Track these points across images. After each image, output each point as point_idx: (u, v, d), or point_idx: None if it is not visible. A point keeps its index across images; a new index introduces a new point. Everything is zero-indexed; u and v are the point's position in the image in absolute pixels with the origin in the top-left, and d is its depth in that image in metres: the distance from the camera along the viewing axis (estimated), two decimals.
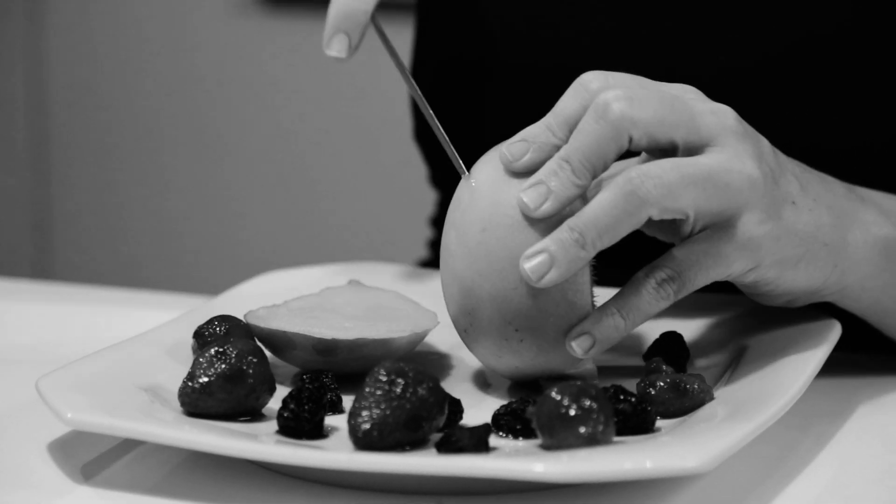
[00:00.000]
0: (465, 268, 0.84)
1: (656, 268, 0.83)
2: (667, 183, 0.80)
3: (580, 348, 0.83)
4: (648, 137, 0.82)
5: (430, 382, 0.78)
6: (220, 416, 0.82)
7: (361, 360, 0.88)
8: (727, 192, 0.82)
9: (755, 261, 0.84)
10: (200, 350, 0.86)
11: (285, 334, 0.88)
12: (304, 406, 0.80)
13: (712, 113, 0.83)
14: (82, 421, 0.78)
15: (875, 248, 0.88)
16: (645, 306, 0.83)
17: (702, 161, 0.82)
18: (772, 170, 0.84)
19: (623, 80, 0.83)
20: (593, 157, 0.82)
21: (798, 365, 0.85)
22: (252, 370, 0.82)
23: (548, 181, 0.82)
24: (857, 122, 1.05)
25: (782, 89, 1.05)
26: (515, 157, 0.84)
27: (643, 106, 0.81)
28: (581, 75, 0.84)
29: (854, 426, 0.87)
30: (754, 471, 0.80)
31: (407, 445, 0.77)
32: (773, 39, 1.04)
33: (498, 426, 0.81)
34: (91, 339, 0.99)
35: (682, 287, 0.83)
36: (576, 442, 0.76)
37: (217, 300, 1.01)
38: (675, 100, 0.83)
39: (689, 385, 0.83)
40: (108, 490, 0.78)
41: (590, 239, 0.81)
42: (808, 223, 0.85)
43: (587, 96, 0.83)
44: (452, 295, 0.86)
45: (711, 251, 0.83)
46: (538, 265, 0.81)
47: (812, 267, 0.86)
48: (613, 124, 0.81)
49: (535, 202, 0.82)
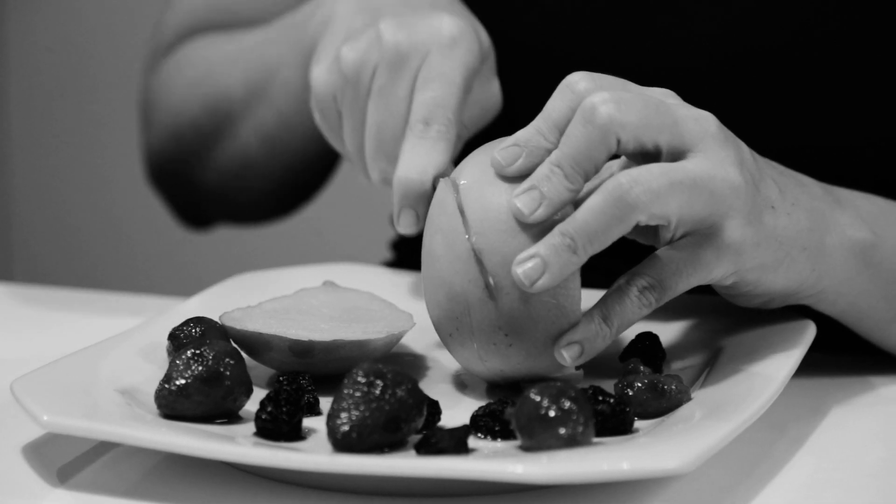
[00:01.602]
0: (454, 273, 0.84)
1: (638, 275, 0.84)
2: (655, 189, 0.81)
3: (569, 357, 0.83)
4: (635, 141, 0.82)
5: (408, 384, 0.78)
6: (197, 419, 0.82)
7: (338, 361, 0.88)
8: (711, 198, 0.82)
9: (736, 266, 0.84)
10: (176, 352, 0.85)
11: (261, 336, 0.88)
12: (281, 408, 0.80)
13: (695, 119, 0.83)
14: (58, 424, 0.77)
15: (852, 252, 0.89)
16: (628, 314, 0.83)
17: (688, 167, 0.82)
18: (752, 175, 0.84)
19: (609, 82, 0.84)
20: (584, 161, 0.82)
21: (774, 365, 0.85)
22: (229, 372, 0.82)
23: (541, 186, 0.82)
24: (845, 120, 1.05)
25: (771, 84, 1.05)
26: (508, 162, 0.84)
27: (629, 109, 0.82)
28: (567, 76, 0.84)
29: (830, 426, 0.87)
30: (732, 471, 0.80)
31: (386, 447, 0.77)
32: (762, 31, 1.04)
33: (477, 427, 0.81)
34: (64, 342, 0.98)
35: (664, 294, 0.83)
36: (555, 443, 0.75)
37: (190, 302, 1.00)
38: (659, 104, 0.83)
39: (667, 386, 0.84)
40: (85, 493, 0.78)
41: (581, 244, 0.81)
42: (788, 227, 0.85)
43: (574, 98, 0.83)
44: (438, 300, 0.85)
45: (692, 258, 0.83)
46: (531, 270, 0.81)
47: (791, 271, 0.86)
48: (601, 128, 0.81)
49: (529, 207, 0.82)
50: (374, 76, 0.96)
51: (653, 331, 0.93)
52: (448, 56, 0.95)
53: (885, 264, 0.90)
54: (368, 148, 0.97)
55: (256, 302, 0.96)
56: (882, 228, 0.90)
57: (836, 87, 1.05)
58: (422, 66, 0.95)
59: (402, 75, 0.95)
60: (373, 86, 0.96)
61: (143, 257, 2.64)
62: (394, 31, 0.95)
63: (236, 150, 1.20)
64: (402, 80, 0.95)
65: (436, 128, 0.93)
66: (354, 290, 0.98)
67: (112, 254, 2.66)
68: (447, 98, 0.94)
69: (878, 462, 0.84)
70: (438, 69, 0.94)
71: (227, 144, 1.20)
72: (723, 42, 1.05)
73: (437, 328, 0.87)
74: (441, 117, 0.94)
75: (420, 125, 0.94)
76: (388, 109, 0.96)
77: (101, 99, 2.61)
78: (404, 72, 0.95)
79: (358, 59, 0.96)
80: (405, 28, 0.95)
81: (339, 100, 0.98)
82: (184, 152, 1.25)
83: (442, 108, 0.94)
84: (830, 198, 0.90)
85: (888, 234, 0.90)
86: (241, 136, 1.19)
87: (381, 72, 0.95)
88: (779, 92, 1.05)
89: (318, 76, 0.99)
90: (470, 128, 1.00)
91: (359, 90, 0.97)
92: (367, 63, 0.96)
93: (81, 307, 1.17)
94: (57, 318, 1.13)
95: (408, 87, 0.95)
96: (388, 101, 0.96)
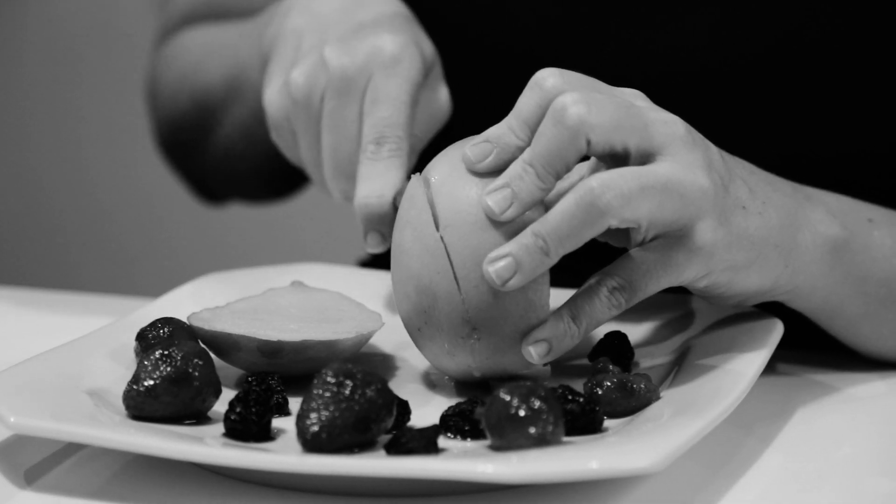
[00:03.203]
0: (423, 266, 0.84)
1: (608, 275, 0.84)
2: (626, 193, 0.81)
3: (537, 354, 0.84)
4: (605, 142, 0.82)
5: (378, 384, 0.78)
6: (166, 419, 0.81)
7: (307, 361, 0.88)
8: (681, 202, 0.83)
9: (707, 268, 0.85)
10: (144, 353, 0.85)
11: (230, 336, 0.87)
12: (250, 408, 0.80)
13: (664, 122, 0.84)
14: (25, 425, 0.77)
15: (824, 248, 0.89)
16: (597, 314, 0.84)
17: (658, 171, 0.82)
18: (721, 177, 0.85)
19: (578, 80, 0.84)
20: (555, 161, 0.82)
21: (742, 364, 0.85)
22: (198, 373, 0.81)
23: (512, 185, 0.83)
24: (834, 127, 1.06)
25: (757, 92, 1.06)
26: (478, 159, 0.85)
27: (600, 111, 0.82)
28: (536, 73, 0.85)
29: (798, 423, 0.88)
30: (701, 469, 0.81)
31: (356, 447, 0.77)
32: (749, 39, 1.05)
33: (446, 427, 0.81)
34: (29, 343, 0.98)
35: (634, 295, 0.84)
36: (525, 442, 0.76)
37: (157, 302, 1.00)
38: (630, 107, 0.83)
39: (636, 385, 0.84)
40: (52, 494, 0.77)
41: (552, 246, 0.81)
42: (759, 227, 0.86)
43: (543, 95, 0.84)
44: (407, 294, 0.86)
45: (663, 260, 0.84)
46: (502, 269, 0.82)
47: (763, 269, 0.87)
48: (571, 129, 0.82)
49: (500, 206, 0.83)
50: (324, 100, 0.99)
51: (621, 330, 0.93)
52: (392, 75, 0.98)
53: (857, 260, 0.91)
54: (327, 170, 1.00)
55: (225, 302, 0.96)
56: (852, 224, 0.91)
57: (824, 94, 1.05)
58: (368, 88, 0.98)
59: (349, 98, 0.98)
60: (323, 109, 0.99)
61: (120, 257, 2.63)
62: (338, 55, 0.98)
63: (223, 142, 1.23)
64: (351, 102, 0.98)
65: (387, 147, 0.96)
66: (323, 289, 0.98)
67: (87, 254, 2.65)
68: (395, 117, 0.97)
69: (845, 459, 0.84)
70: (384, 90, 0.98)
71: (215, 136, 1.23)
72: (708, 50, 1.06)
73: (405, 323, 0.87)
74: (392, 136, 0.97)
75: (372, 146, 0.97)
76: (340, 133, 0.99)
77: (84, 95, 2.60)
78: (351, 95, 0.98)
79: (306, 84, 0.99)
80: (349, 52, 0.99)
81: (292, 121, 1.01)
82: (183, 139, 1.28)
83: (391, 128, 0.97)
84: (800, 195, 0.90)
85: (858, 231, 0.91)
86: (226, 130, 1.22)
87: (330, 96, 0.98)
88: (765, 99, 1.06)
89: (270, 99, 1.02)
90: (423, 137, 1.03)
91: (310, 113, 1.00)
92: (316, 87, 0.99)
93: (49, 308, 1.17)
94: (25, 319, 1.12)
95: (356, 109, 0.99)
96: (339, 124, 0.99)
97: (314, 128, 1.00)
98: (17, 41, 2.60)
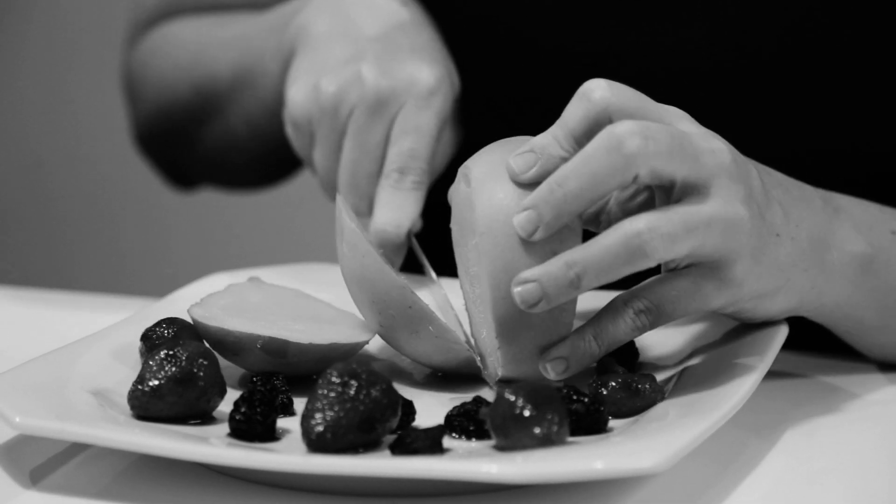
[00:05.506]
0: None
1: (636, 297, 0.84)
2: (672, 235, 0.81)
3: (554, 372, 0.84)
4: (653, 175, 0.81)
5: (382, 384, 0.78)
6: (171, 420, 0.81)
7: (311, 363, 0.88)
8: (721, 238, 0.82)
9: (735, 298, 0.85)
10: (149, 353, 0.85)
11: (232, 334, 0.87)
12: (255, 408, 0.80)
13: (711, 152, 0.83)
14: (31, 425, 0.77)
15: (850, 267, 0.89)
16: (620, 334, 0.84)
17: (703, 210, 0.82)
18: (759, 206, 0.84)
19: (626, 94, 0.83)
20: (599, 186, 0.81)
21: (747, 365, 0.85)
22: (203, 373, 0.81)
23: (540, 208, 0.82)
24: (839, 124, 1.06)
25: (764, 88, 1.06)
26: (522, 170, 0.84)
27: (657, 144, 0.81)
28: (585, 83, 0.84)
29: (802, 425, 0.88)
30: (706, 470, 0.81)
31: (360, 447, 0.77)
32: (755, 36, 1.05)
33: (451, 427, 0.81)
34: (33, 343, 0.98)
35: (659, 319, 0.84)
36: (530, 443, 0.76)
37: (162, 303, 1.00)
38: (682, 137, 0.82)
39: (641, 385, 0.84)
40: (57, 494, 0.77)
41: (587, 280, 0.81)
42: (791, 254, 0.86)
43: (591, 106, 0.83)
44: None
45: (694, 288, 0.84)
46: (528, 294, 0.81)
47: (790, 293, 0.87)
48: (626, 159, 0.80)
49: (527, 230, 0.82)
50: (352, 115, 1.01)
51: None
52: (424, 107, 1.00)
53: (881, 275, 0.91)
54: (342, 182, 1.02)
55: None
56: (877, 239, 0.91)
57: (828, 91, 1.05)
58: (399, 115, 1.00)
59: (379, 119, 1.00)
60: (349, 124, 1.01)
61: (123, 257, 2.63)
62: (376, 76, 1.00)
63: (223, 131, 1.24)
64: (379, 124, 1.00)
65: (410, 179, 0.99)
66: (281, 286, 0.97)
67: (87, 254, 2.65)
68: (421, 150, 0.99)
69: (850, 460, 0.84)
70: (414, 121, 1.00)
71: (215, 125, 1.24)
72: (715, 46, 1.06)
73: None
74: (416, 168, 0.99)
75: (396, 174, 0.99)
76: (364, 151, 1.00)
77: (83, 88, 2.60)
78: (382, 117, 1.00)
79: (337, 94, 1.01)
80: (387, 75, 1.00)
81: (314, 124, 1.02)
82: (172, 127, 1.29)
83: (416, 160, 0.99)
84: (830, 208, 0.90)
85: (883, 245, 0.91)
86: (228, 119, 1.22)
87: (360, 113, 1.00)
88: (772, 96, 1.06)
89: (295, 99, 1.03)
90: (435, 172, 1.05)
91: (335, 123, 1.01)
92: (346, 100, 1.01)
93: (55, 307, 1.17)
94: (29, 319, 1.12)
95: (383, 133, 1.00)
96: (364, 143, 1.00)
97: (336, 138, 1.02)
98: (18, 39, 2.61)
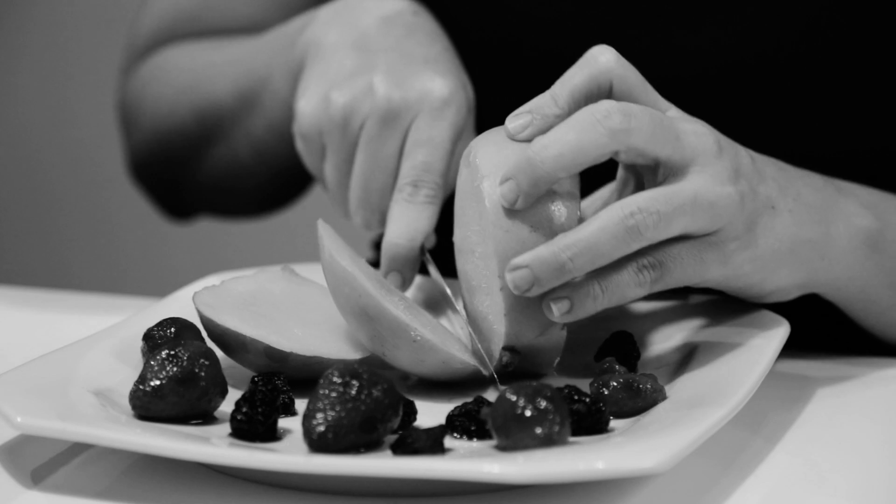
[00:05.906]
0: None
1: (640, 254, 0.85)
2: (662, 215, 0.83)
3: (557, 310, 0.84)
4: (633, 153, 0.84)
5: (384, 384, 0.78)
6: (172, 419, 0.81)
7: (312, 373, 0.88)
8: (709, 213, 0.84)
9: (731, 270, 0.86)
10: (151, 353, 0.85)
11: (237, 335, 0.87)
12: (257, 408, 0.80)
13: (694, 133, 0.85)
14: (32, 425, 0.77)
15: (858, 238, 0.91)
16: (623, 286, 0.84)
17: (687, 187, 0.84)
18: (749, 182, 0.86)
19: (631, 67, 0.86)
20: (576, 157, 0.83)
21: (748, 364, 0.86)
22: (204, 373, 0.81)
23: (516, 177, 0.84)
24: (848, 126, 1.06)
25: (772, 91, 1.06)
26: (517, 131, 0.86)
27: (639, 121, 0.83)
28: (591, 48, 0.86)
29: (804, 424, 0.88)
30: (707, 469, 0.81)
31: (362, 447, 0.77)
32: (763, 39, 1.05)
33: (453, 427, 0.81)
34: (34, 343, 0.98)
35: (661, 277, 0.85)
36: (532, 443, 0.76)
37: (164, 302, 1.00)
38: (663, 118, 0.85)
39: (642, 385, 0.84)
40: (59, 494, 0.77)
41: (579, 262, 0.82)
42: (789, 225, 0.87)
43: (595, 68, 0.85)
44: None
45: (692, 251, 0.85)
46: (520, 280, 0.83)
47: (795, 264, 0.88)
48: (608, 133, 0.83)
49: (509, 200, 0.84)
50: (364, 127, 0.99)
51: (627, 330, 0.93)
52: (438, 119, 0.98)
53: (890, 250, 0.92)
54: (353, 196, 1.01)
55: None
56: (884, 215, 0.92)
57: (839, 93, 1.06)
58: (412, 127, 0.99)
59: (392, 132, 0.99)
60: (361, 136, 0.99)
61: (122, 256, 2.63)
62: (388, 87, 0.99)
63: (226, 155, 1.22)
64: (392, 137, 0.99)
65: (424, 192, 0.97)
66: (312, 281, 0.97)
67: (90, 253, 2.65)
68: (435, 163, 0.98)
69: (851, 459, 0.84)
70: (428, 133, 0.98)
71: (217, 150, 1.22)
72: (725, 50, 1.06)
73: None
74: (429, 182, 0.98)
75: (409, 188, 0.98)
76: (377, 163, 0.99)
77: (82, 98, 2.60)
78: (395, 128, 0.99)
79: (348, 106, 0.99)
80: (399, 86, 0.99)
81: (324, 137, 1.01)
82: (171, 155, 1.27)
83: (430, 173, 0.98)
84: (832, 188, 0.91)
85: (891, 221, 0.92)
86: (231, 143, 1.21)
87: (372, 125, 0.98)
88: (780, 99, 1.07)
89: (304, 110, 1.01)
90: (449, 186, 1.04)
91: (346, 135, 1.00)
92: (357, 112, 0.99)
93: (55, 308, 1.17)
94: (30, 319, 1.12)
95: (396, 145, 0.99)
96: (377, 155, 0.99)
97: (347, 150, 1.00)
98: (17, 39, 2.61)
